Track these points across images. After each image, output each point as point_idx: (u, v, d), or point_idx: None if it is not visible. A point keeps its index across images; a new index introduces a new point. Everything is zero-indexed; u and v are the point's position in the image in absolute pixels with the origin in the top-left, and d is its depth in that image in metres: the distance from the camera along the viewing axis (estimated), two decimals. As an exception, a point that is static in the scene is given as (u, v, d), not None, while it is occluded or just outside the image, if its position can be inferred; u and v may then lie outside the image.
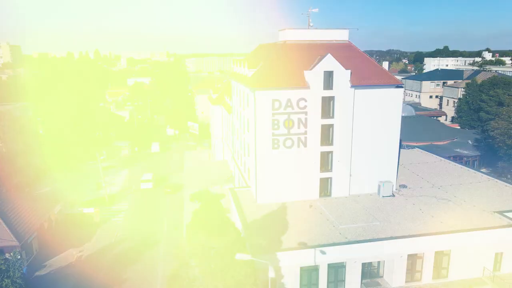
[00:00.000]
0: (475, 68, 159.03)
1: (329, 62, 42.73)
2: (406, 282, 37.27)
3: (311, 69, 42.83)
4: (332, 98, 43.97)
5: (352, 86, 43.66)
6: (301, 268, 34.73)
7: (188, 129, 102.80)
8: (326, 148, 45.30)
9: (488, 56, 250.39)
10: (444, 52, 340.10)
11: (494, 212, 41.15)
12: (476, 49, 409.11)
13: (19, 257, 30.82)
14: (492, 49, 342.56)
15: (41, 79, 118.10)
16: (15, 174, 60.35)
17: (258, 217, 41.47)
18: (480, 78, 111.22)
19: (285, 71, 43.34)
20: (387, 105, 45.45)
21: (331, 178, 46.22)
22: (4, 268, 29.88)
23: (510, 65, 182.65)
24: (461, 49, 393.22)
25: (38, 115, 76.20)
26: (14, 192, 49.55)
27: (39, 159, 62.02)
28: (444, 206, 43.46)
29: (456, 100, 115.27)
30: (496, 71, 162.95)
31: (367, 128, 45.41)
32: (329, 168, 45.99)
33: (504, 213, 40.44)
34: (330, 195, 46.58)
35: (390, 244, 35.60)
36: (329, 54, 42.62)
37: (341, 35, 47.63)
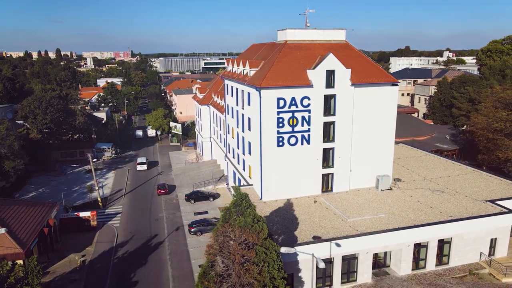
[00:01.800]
0: (441, 67, 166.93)
1: (331, 61, 44.06)
2: (412, 270, 39.27)
3: (314, 68, 43.96)
4: (333, 96, 45.36)
5: (352, 85, 45.23)
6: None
7: (170, 130, 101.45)
8: (328, 145, 46.65)
9: (449, 55, 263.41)
10: (406, 52, 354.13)
11: (486, 201, 43.98)
12: (434, 48, 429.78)
13: (36, 263, 29.75)
14: (450, 49, 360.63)
15: (9, 80, 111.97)
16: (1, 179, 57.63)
17: (267, 213, 42.12)
18: (448, 76, 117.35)
19: (288, 70, 44.20)
20: (384, 102, 47.37)
21: (332, 173, 47.65)
22: (22, 275, 28.83)
23: (472, 64, 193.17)
24: (420, 49, 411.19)
25: (18, 118, 72.73)
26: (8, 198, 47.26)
27: (22, 163, 59.30)
28: (439, 197, 45.94)
29: (427, 98, 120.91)
30: (459, 69, 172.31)
31: (366, 125, 47.13)
32: (331, 164, 47.39)
33: (495, 202, 43.31)
34: (331, 190, 47.99)
35: (399, 234, 37.32)
36: (331, 54, 43.93)
37: (338, 35, 49.12)
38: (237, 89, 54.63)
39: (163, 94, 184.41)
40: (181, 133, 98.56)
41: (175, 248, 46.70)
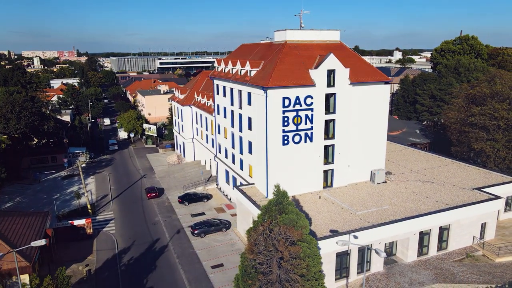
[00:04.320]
0: (398, 65, 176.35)
1: (332, 61, 45.69)
2: (417, 256, 41.88)
3: (316, 68, 45.30)
4: (333, 95, 47.03)
5: (350, 83, 47.16)
6: (337, 254, 37.17)
7: (144, 132, 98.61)
8: (329, 142, 48.31)
9: (398, 55, 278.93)
10: (356, 51, 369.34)
11: (473, 189, 47.83)
12: (378, 48, 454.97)
13: (65, 274, 28.26)
14: (392, 48, 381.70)
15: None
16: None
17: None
18: (405, 75, 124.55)
19: (291, 70, 45.18)
20: (378, 100, 49.96)
21: (332, 169, 49.37)
22: (52, 288, 27.34)
23: (422, 62, 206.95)
24: (367, 49, 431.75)
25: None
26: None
27: (4, 171, 55.29)
28: (431, 187, 49.21)
29: (389, 95, 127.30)
30: (412, 67, 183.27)
31: (362, 121, 49.35)
32: (331, 160, 49.09)
33: (482, 189, 47.23)
34: (332, 185, 49.73)
35: (407, 224, 39.68)
36: (331, 54, 45.53)
37: (333, 36, 50.89)
38: (232, 89, 54.71)
39: (122, 95, 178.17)
40: (156, 135, 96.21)
41: (182, 251, 46.01)
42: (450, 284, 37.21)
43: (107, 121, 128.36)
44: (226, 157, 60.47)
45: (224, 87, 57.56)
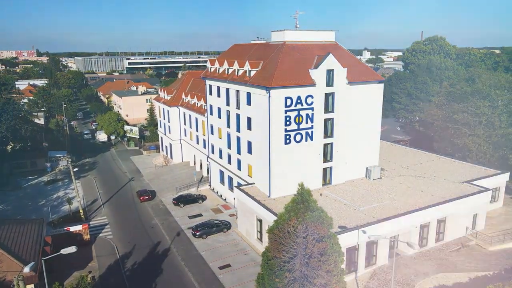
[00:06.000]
0: (370, 65, 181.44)
1: (331, 61, 46.67)
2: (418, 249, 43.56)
3: (316, 68, 46.12)
4: (332, 94, 48.05)
5: (348, 83, 48.36)
6: (347, 249, 38.11)
7: (125, 133, 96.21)
8: (328, 140, 49.31)
9: (367, 54, 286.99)
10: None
11: (464, 182, 50.33)
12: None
13: (87, 281, 27.36)
14: (354, 48, 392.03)
15: None
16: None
17: (281, 210, 43.11)
18: (381, 74, 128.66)
19: (291, 70, 45.78)
20: (372, 99, 51.51)
21: (331, 167, 50.43)
22: (75, 296, 26.40)
23: (389, 62, 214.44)
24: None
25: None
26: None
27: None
28: (423, 182, 51.33)
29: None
30: (383, 67, 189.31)
31: (357, 119, 50.72)
32: (330, 158, 50.12)
33: (471, 182, 49.81)
34: (330, 183, 50.79)
35: (410, 217, 41.26)
36: (330, 54, 46.51)
37: (329, 36, 51.94)
38: (227, 89, 54.58)
39: (95, 96, 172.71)
40: (138, 137, 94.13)
41: (185, 253, 45.51)
42: (452, 273, 39.12)
43: (80, 115, 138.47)
44: (221, 157, 60.22)
45: (219, 88, 57.32)
